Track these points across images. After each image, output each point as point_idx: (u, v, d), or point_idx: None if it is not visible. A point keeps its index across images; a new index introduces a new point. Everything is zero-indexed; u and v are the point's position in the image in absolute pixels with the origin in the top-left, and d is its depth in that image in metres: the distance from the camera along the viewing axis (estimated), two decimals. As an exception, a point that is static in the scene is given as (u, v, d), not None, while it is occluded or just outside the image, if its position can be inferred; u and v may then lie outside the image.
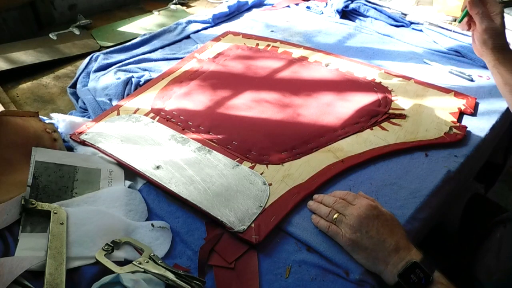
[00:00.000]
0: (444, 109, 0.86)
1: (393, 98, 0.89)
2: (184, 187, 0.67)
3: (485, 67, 1.03)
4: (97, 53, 1.01)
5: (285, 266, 0.58)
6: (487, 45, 0.76)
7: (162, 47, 1.08)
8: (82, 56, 1.03)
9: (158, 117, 0.82)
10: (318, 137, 0.78)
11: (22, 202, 0.58)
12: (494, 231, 0.72)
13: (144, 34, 1.11)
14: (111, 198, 0.64)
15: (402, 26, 1.20)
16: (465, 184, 0.91)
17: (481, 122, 0.85)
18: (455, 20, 1.22)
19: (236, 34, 1.13)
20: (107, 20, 1.23)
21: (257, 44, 1.08)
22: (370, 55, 1.07)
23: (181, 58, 1.03)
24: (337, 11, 1.24)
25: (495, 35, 0.75)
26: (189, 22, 1.18)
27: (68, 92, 0.92)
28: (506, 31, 1.21)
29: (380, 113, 0.84)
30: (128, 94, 0.89)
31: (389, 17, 1.20)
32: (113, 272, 0.52)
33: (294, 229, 0.62)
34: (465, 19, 0.79)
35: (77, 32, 1.14)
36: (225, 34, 1.13)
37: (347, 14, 1.27)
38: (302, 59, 1.02)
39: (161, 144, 0.75)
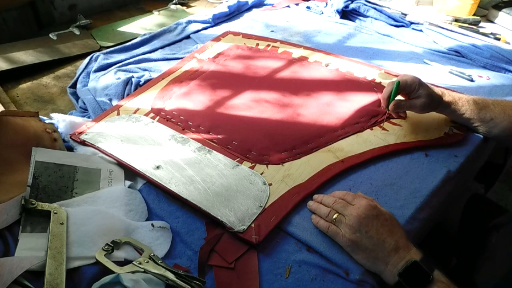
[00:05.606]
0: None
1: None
2: (184, 187, 0.67)
3: (485, 67, 1.04)
4: (97, 53, 1.01)
5: (285, 266, 0.58)
6: (433, 108, 0.79)
7: (162, 47, 1.08)
8: (82, 56, 1.03)
9: (158, 117, 0.82)
10: (318, 137, 0.78)
11: (22, 202, 0.58)
12: (490, 236, 0.73)
13: (144, 34, 1.11)
14: (111, 198, 0.64)
15: (402, 26, 1.21)
16: (465, 184, 0.91)
17: (481, 122, 0.85)
18: (455, 20, 1.22)
19: (236, 34, 1.13)
20: (107, 20, 1.23)
21: (257, 44, 1.08)
22: (370, 55, 1.07)
23: (181, 58, 1.03)
24: (337, 11, 1.25)
25: (429, 105, 0.77)
26: (189, 22, 1.18)
27: (68, 92, 0.92)
28: (506, 30, 1.21)
29: (380, 113, 0.84)
30: (128, 94, 0.89)
31: (389, 17, 1.20)
32: (113, 272, 0.52)
33: (294, 229, 0.62)
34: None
35: (77, 32, 1.14)
36: (225, 34, 1.13)
37: (347, 14, 1.27)
38: (302, 59, 1.02)
39: (161, 144, 0.75)
